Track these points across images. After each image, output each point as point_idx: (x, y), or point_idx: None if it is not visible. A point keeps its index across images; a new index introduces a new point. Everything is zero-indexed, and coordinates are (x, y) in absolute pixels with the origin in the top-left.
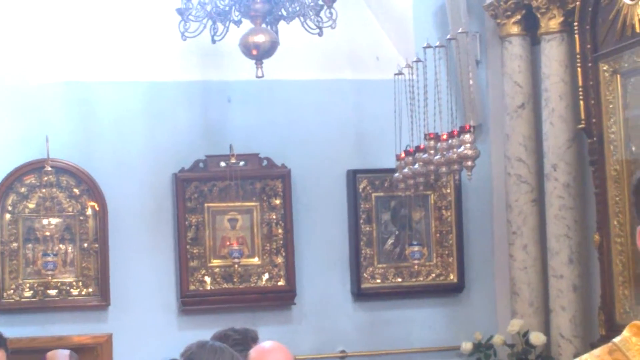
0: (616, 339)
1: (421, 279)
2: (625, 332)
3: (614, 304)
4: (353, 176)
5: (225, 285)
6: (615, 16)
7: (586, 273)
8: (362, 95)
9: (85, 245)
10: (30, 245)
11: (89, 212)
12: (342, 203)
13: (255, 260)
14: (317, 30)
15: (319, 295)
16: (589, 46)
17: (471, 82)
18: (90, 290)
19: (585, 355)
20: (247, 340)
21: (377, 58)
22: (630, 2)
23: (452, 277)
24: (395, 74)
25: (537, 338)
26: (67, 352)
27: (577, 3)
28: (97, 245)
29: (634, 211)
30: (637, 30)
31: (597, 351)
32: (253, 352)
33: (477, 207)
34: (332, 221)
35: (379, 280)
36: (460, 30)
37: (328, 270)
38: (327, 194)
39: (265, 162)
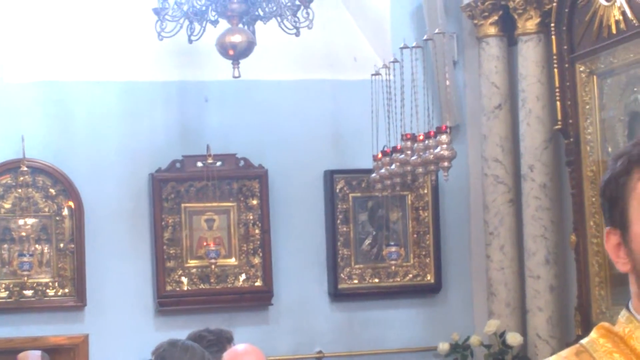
0: (584, 340)
1: (398, 279)
2: (593, 334)
3: (590, 305)
4: (330, 176)
5: (202, 286)
6: (592, 17)
7: (563, 273)
8: (339, 96)
9: (62, 245)
10: (5, 246)
11: (65, 212)
12: (319, 203)
13: (232, 261)
14: (294, 31)
15: (296, 295)
16: (565, 47)
17: (448, 82)
18: (66, 290)
19: (553, 357)
20: (221, 340)
21: (354, 58)
22: (606, 3)
23: (429, 277)
24: (373, 75)
25: (513, 338)
26: (38, 352)
27: (554, 4)
28: (73, 246)
29: (602, 212)
30: (614, 32)
31: (564, 352)
32: (227, 355)
33: (454, 208)
34: (309, 222)
35: (356, 281)
36: (437, 31)
37: (305, 270)
38: (305, 195)
39: (242, 163)
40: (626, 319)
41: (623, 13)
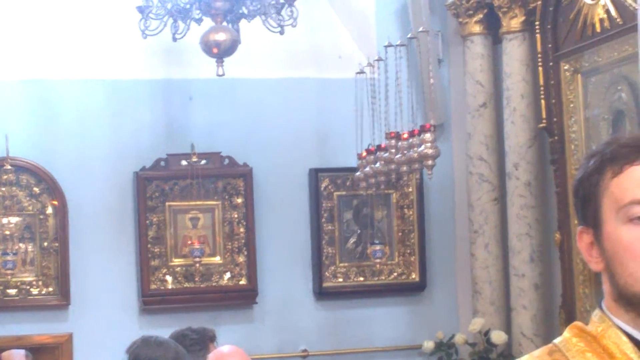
0: (556, 340)
1: (383, 278)
2: (566, 333)
3: (574, 303)
4: (315, 175)
5: (186, 285)
6: (576, 16)
7: (547, 272)
8: (324, 94)
9: (46, 244)
10: None
11: (49, 210)
12: (304, 202)
13: (217, 259)
14: (279, 29)
15: (280, 294)
16: (550, 45)
17: (432, 81)
18: (50, 289)
19: (526, 356)
20: (204, 339)
21: (339, 57)
22: (590, 2)
23: (414, 276)
24: (357, 73)
25: (498, 337)
26: (22, 351)
27: (539, 2)
28: (57, 244)
29: (575, 211)
30: (598, 30)
31: (537, 352)
32: (211, 356)
33: (439, 206)
34: (294, 220)
35: (341, 279)
36: (421, 29)
37: (290, 269)
38: (289, 193)
39: (226, 161)
40: (599, 318)
41: (607, 11)
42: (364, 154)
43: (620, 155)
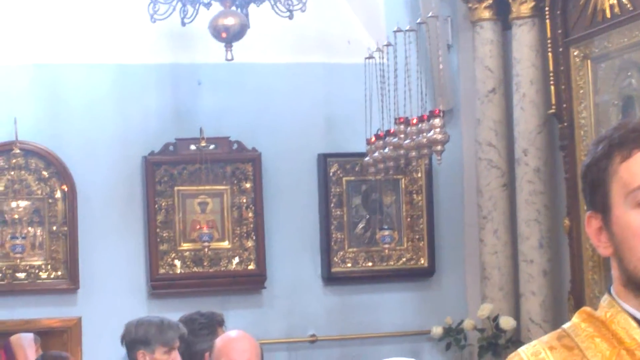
0: (565, 325)
1: (392, 263)
2: (575, 318)
3: (583, 289)
4: (324, 160)
5: (195, 269)
6: (586, 1)
7: (556, 258)
8: (332, 79)
9: (54, 228)
10: None
11: (58, 194)
12: (312, 187)
13: (226, 244)
14: (288, 14)
15: (289, 279)
16: (560, 31)
17: (441, 66)
18: (59, 273)
19: (534, 342)
20: (213, 324)
21: (348, 42)
22: None
23: (422, 261)
24: (366, 58)
25: (507, 323)
26: (30, 335)
27: None
28: (66, 229)
29: (584, 196)
30: (608, 16)
31: (545, 337)
32: (219, 340)
33: (447, 192)
34: (303, 205)
35: (349, 265)
36: (431, 15)
37: (298, 254)
38: (298, 178)
39: (235, 146)
40: (608, 303)
41: None
42: (373, 139)
43: (629, 140)
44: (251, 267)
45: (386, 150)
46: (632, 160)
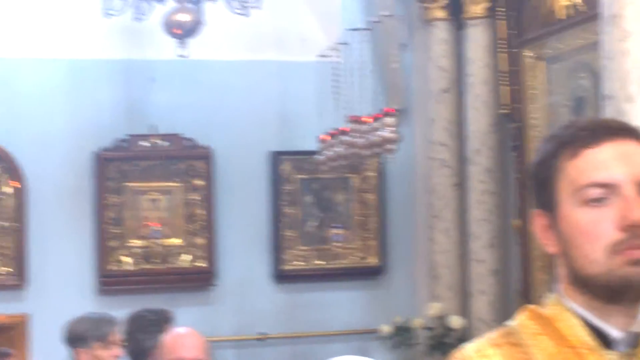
0: (510, 322)
1: (343, 261)
2: (521, 316)
3: (532, 289)
4: (276, 158)
5: (145, 266)
6: (540, 2)
7: (506, 257)
8: (287, 77)
9: (4, 224)
10: None
11: (8, 190)
12: (265, 185)
13: (176, 241)
14: (243, 11)
15: (239, 277)
16: (513, 32)
17: (395, 65)
18: (8, 269)
19: (481, 339)
20: (161, 321)
21: (302, 40)
22: None
23: (373, 260)
24: (320, 56)
25: (456, 321)
26: None
27: None
28: (16, 224)
29: (532, 194)
30: (561, 17)
31: (491, 335)
32: (166, 337)
33: (400, 191)
34: (255, 203)
35: (300, 263)
36: (385, 14)
37: (249, 251)
38: (250, 175)
39: (188, 142)
40: (553, 301)
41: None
42: (326, 137)
43: (577, 138)
44: (201, 264)
45: (339, 148)
46: (579, 158)
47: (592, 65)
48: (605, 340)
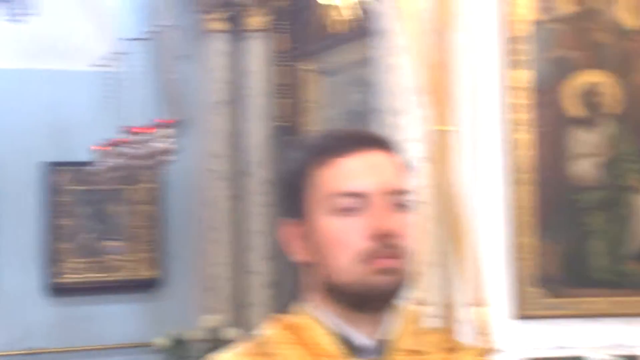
0: (256, 333)
1: (118, 274)
2: (266, 326)
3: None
4: (50, 169)
5: None
6: (315, 17)
7: (282, 270)
8: (61, 86)
9: None
10: None
11: None
12: (40, 196)
13: None
14: (11, 18)
15: (9, 289)
16: (290, 45)
17: (173, 76)
18: None
19: (237, 349)
20: None
21: (77, 49)
22: (323, 2)
23: (149, 272)
24: (96, 65)
25: (231, 333)
26: None
27: (279, 2)
28: None
29: (281, 204)
30: (335, 32)
31: (248, 344)
32: None
33: (180, 203)
34: (28, 214)
35: (75, 275)
36: (164, 24)
37: (21, 264)
38: (24, 187)
39: None
40: (299, 309)
41: (346, 14)
42: (102, 148)
43: (328, 148)
44: None
45: (115, 159)
46: (330, 167)
47: (365, 80)
48: (356, 348)
